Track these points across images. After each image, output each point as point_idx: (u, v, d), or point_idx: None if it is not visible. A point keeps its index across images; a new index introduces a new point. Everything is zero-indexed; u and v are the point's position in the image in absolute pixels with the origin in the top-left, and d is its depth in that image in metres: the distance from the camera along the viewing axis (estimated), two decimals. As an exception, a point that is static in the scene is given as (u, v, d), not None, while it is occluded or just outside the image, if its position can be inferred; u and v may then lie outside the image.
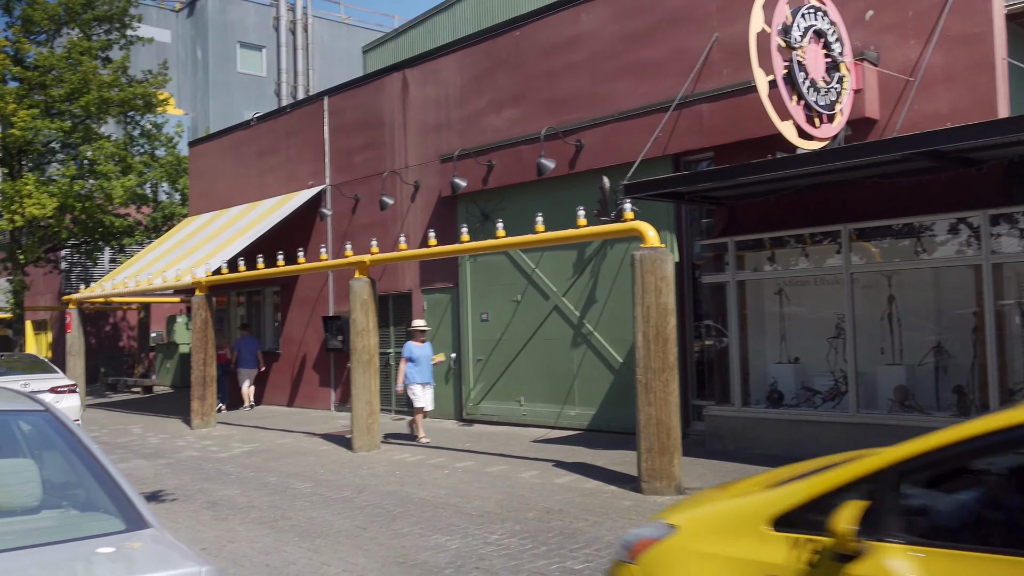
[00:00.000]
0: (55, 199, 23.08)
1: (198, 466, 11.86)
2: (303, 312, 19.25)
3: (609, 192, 12.24)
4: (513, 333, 14.66)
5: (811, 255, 11.14)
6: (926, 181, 9.85)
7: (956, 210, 9.67)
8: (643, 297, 8.99)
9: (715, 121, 11.80)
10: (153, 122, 27.08)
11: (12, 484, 3.32)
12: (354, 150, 18.05)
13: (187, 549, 2.92)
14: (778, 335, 11.66)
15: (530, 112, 14.43)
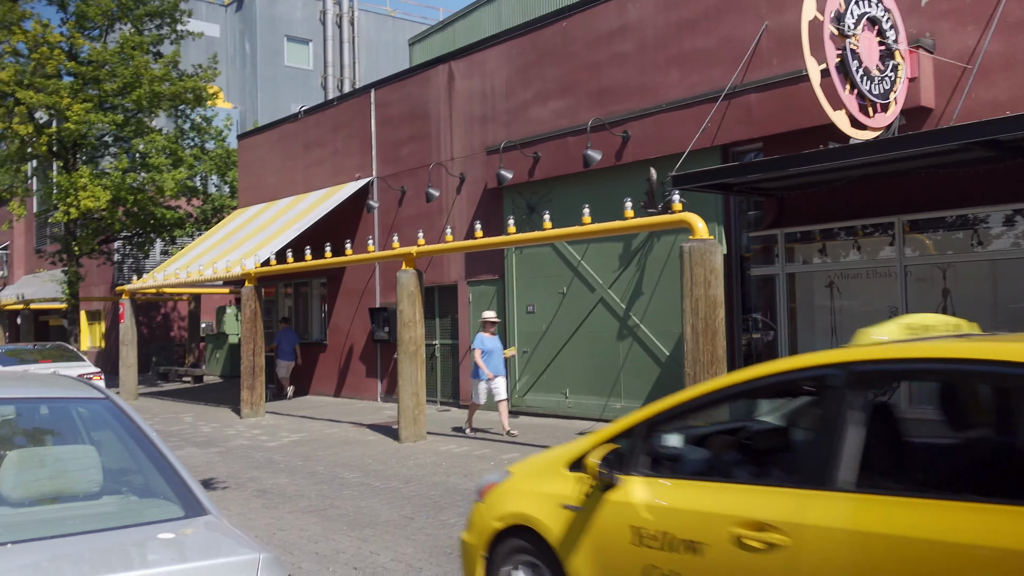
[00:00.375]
0: (108, 192, 23.55)
1: (248, 455, 12.04)
2: (350, 303, 19.42)
3: (656, 184, 12.15)
4: (558, 325, 14.64)
5: (863, 247, 10.95)
6: (983, 171, 9.61)
7: (1013, 201, 9.44)
8: (692, 289, 8.91)
9: (765, 111, 11.63)
10: (203, 115, 27.47)
11: (73, 470, 3.40)
12: (400, 142, 18.14)
13: (244, 536, 2.96)
14: (828, 328, 11.48)
15: (577, 103, 14.36)
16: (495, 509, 4.77)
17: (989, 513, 3.01)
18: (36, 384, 4.08)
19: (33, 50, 23.46)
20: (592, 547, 4.22)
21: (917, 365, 3.72)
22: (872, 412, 3.66)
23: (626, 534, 4.06)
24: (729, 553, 3.63)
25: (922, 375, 4.18)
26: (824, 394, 3.86)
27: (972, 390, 4.06)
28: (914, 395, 8.98)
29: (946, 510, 3.11)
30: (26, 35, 23.31)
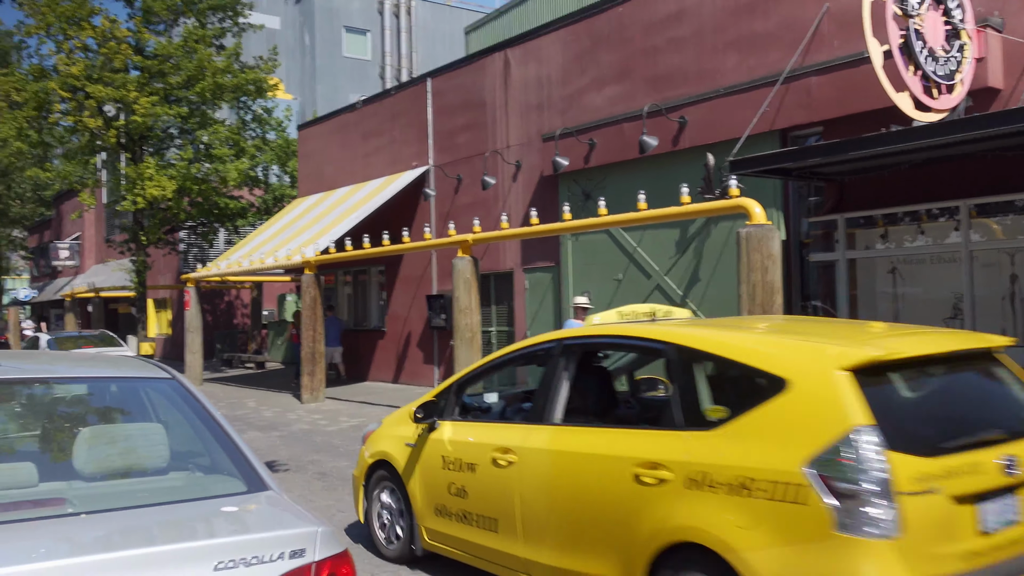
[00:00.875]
0: (174, 182, 24.16)
1: (309, 438, 12.28)
2: (407, 291, 19.63)
3: (713, 169, 12.04)
4: (614, 312, 14.59)
5: (927, 232, 10.71)
6: (1054, 153, 9.32)
7: (1087, 184, 9.14)
8: (748, 275, 8.83)
9: (825, 94, 11.43)
10: (264, 107, 27.97)
11: (142, 447, 3.53)
12: (456, 131, 18.24)
13: (303, 511, 3.05)
14: (890, 315, 11.26)
15: (633, 89, 14.28)
16: (369, 449, 6.59)
17: (626, 435, 4.77)
18: (107, 364, 4.23)
19: (102, 45, 24.13)
20: (420, 472, 5.96)
21: (596, 340, 5.49)
22: (574, 371, 5.25)
23: (438, 461, 5.79)
24: (489, 469, 5.33)
25: (599, 347, 5.81)
26: (547, 361, 5.42)
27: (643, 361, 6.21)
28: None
29: (604, 434, 4.87)
30: (95, 30, 23.98)
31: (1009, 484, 3.93)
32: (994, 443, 4.01)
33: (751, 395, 4.17)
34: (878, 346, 4.12)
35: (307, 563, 2.74)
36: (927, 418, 4.21)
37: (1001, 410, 4.46)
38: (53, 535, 2.73)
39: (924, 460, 3.72)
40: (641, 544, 4.26)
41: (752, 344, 4.43)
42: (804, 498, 3.68)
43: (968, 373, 4.58)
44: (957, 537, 3.73)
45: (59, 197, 44.10)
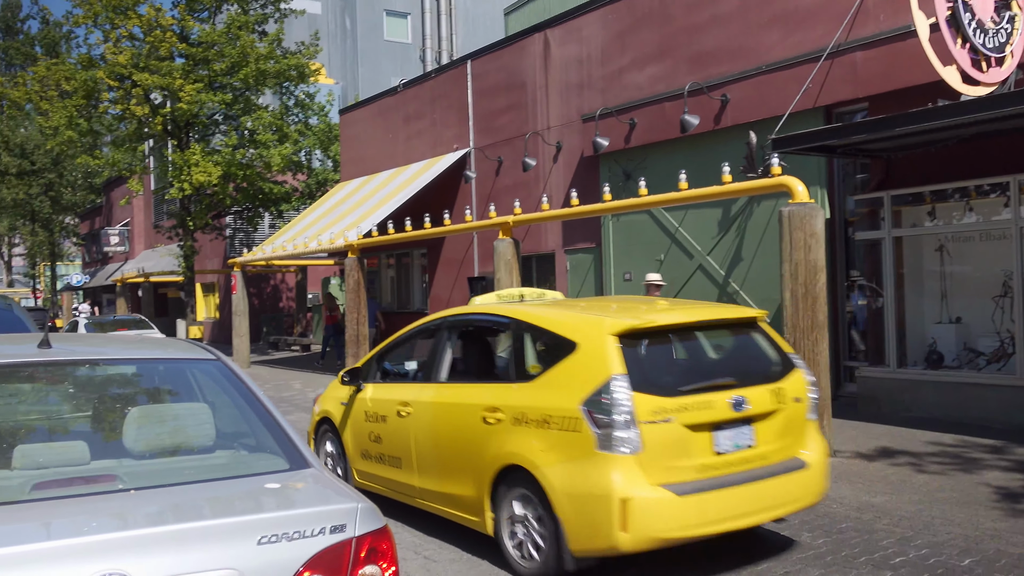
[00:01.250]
0: (219, 168, 24.49)
1: (353, 419, 12.42)
2: (449, 273, 19.74)
3: (756, 147, 11.89)
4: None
5: (976, 209, 10.49)
6: (1109, 126, 9.06)
7: None
8: (791, 254, 8.73)
9: (870, 69, 11.22)
10: (306, 92, 28.18)
11: (190, 426, 3.63)
12: (497, 112, 18.23)
13: (344, 487, 3.12)
14: (938, 294, 11.08)
15: (674, 68, 14.15)
16: (316, 408, 7.99)
17: (480, 388, 6.07)
18: (154, 347, 4.35)
19: (147, 33, 24.49)
20: (350, 425, 7.33)
21: (468, 317, 6.93)
22: (453, 341, 6.69)
23: (363, 415, 7.12)
24: (395, 419, 6.69)
25: (469, 323, 6.90)
26: (435, 334, 6.82)
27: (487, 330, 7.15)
28: None
29: (466, 388, 6.21)
30: (141, 19, 24.34)
31: (742, 417, 5.25)
32: (728, 387, 5.28)
33: (556, 355, 5.54)
34: (639, 318, 5.45)
35: (347, 538, 2.80)
36: (672, 368, 5.60)
37: (744, 363, 5.88)
38: (104, 510, 2.83)
39: (663, 399, 5.03)
40: (487, 468, 5.63)
41: (560, 318, 5.79)
42: (579, 428, 5.05)
43: (727, 335, 6.13)
44: (693, 454, 5.08)
45: (108, 184, 44.97)
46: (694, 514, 4.98)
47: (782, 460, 5.46)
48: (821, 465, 5.64)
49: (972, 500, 6.80)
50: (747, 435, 5.29)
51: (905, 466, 8.07)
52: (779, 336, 6.02)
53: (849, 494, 7.14)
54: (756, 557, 5.65)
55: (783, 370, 5.70)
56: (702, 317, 5.90)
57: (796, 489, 5.46)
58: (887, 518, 6.41)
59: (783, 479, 5.39)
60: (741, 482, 5.16)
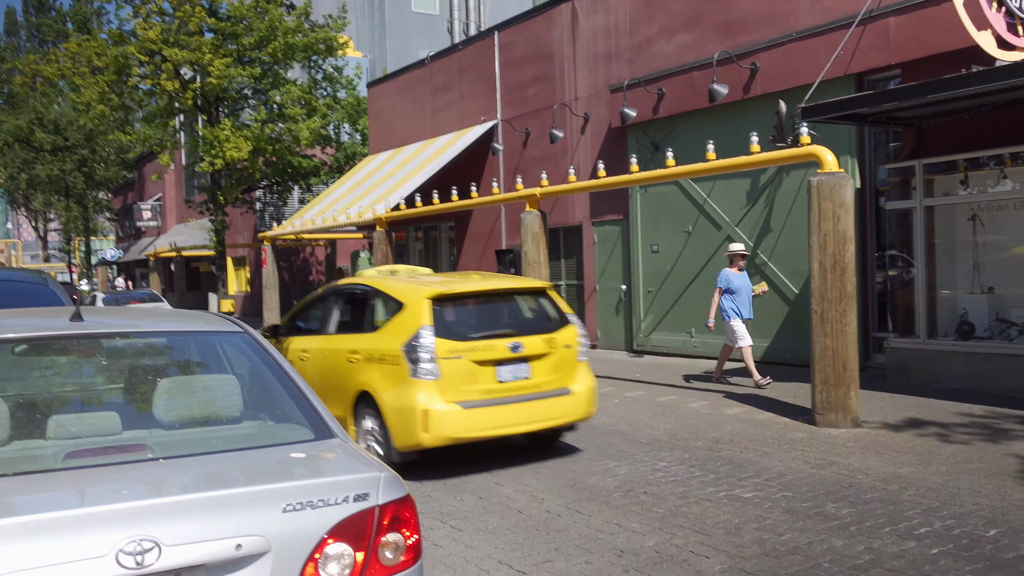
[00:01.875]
0: (249, 142, 24.64)
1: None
2: (477, 246, 19.77)
3: (785, 116, 11.76)
4: (684, 264, 14.49)
5: (1011, 177, 10.30)
6: None
7: None
8: (820, 224, 8.65)
9: (903, 35, 11.02)
10: (334, 65, 28.19)
11: (218, 397, 3.71)
12: (524, 84, 18.15)
13: (368, 457, 3.18)
14: (970, 264, 10.93)
15: (702, 36, 13.98)
16: None
17: (348, 337, 8.10)
18: (183, 319, 4.43)
19: (177, 8, 24.59)
20: None
21: (346, 286, 8.88)
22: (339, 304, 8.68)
23: (292, 357, 8.64)
24: (299, 364, 8.38)
25: (347, 290, 8.81)
26: (327, 299, 8.94)
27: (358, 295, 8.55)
28: None
29: (341, 338, 8.24)
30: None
31: (520, 357, 7.48)
32: (509, 336, 7.54)
33: (392, 312, 7.80)
34: (447, 287, 7.76)
35: (370, 506, 2.86)
36: (467, 322, 7.78)
37: (527, 320, 8.16)
38: (134, 478, 2.91)
39: (456, 343, 7.32)
40: (349, 394, 7.75)
41: (397, 287, 8.00)
42: (400, 363, 7.29)
43: (519, 300, 8.30)
44: (479, 382, 7.34)
45: (140, 160, 45.42)
46: (477, 422, 7.29)
47: (553, 388, 7.68)
48: (585, 394, 7.87)
49: (1000, 471, 6.76)
50: (524, 370, 7.54)
51: (933, 437, 8.03)
52: (563, 301, 8.35)
53: (876, 465, 7.13)
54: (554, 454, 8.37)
55: (559, 325, 7.93)
56: (496, 287, 8.21)
57: (562, 409, 7.75)
58: (913, 489, 6.39)
59: (552, 401, 7.66)
60: (517, 401, 7.47)
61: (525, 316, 8.21)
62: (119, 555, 2.49)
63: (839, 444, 7.94)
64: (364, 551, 2.82)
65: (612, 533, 5.69)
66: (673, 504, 6.28)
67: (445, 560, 5.32)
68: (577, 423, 8.13)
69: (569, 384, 7.77)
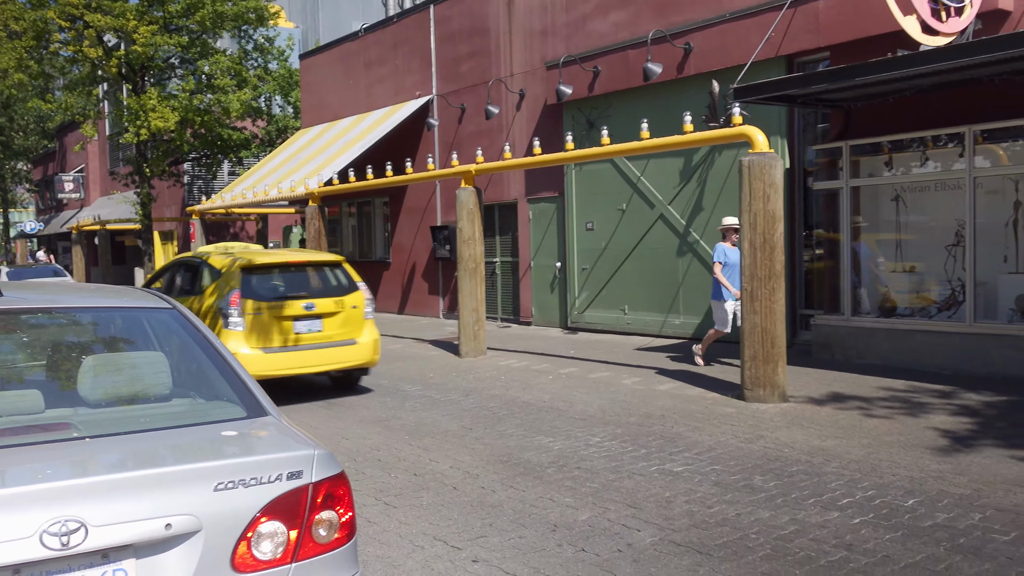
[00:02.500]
0: (176, 113, 23.98)
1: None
2: (412, 222, 19.64)
3: (718, 97, 11.91)
4: (618, 242, 14.63)
5: (932, 159, 10.64)
6: (1063, 78, 9.20)
7: (1095, 109, 9.03)
8: (750, 204, 8.81)
9: (832, 18, 11.24)
10: (265, 36, 27.57)
11: (146, 375, 3.61)
12: (460, 59, 18.01)
13: (300, 434, 3.13)
14: (893, 243, 11.27)
15: (637, 15, 14.04)
16: None
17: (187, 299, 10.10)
18: (109, 295, 4.30)
19: (98, -28, 23.69)
20: None
21: (185, 259, 11.12)
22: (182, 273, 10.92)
23: None
24: None
25: (187, 262, 10.90)
26: (172, 268, 11.27)
27: (196, 269, 10.61)
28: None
29: (182, 300, 9.98)
30: (91, -43, 23.52)
31: (313, 314, 9.70)
32: (304, 297, 9.77)
33: (214, 278, 9.89)
34: (255, 259, 9.87)
35: (304, 484, 2.83)
36: (269, 286, 9.82)
37: (321, 285, 10.20)
38: (58, 457, 2.82)
39: (259, 302, 9.48)
40: None
41: (219, 259, 10.17)
42: (218, 317, 9.33)
43: (317, 270, 10.40)
44: (280, 333, 9.52)
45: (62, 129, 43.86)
46: (277, 364, 9.45)
47: (341, 339, 9.91)
48: (369, 344, 10.12)
49: (918, 443, 7.02)
50: (317, 324, 9.76)
51: (855, 411, 8.29)
52: (354, 271, 10.48)
53: (801, 438, 7.33)
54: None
55: (349, 290, 10.16)
56: (297, 259, 10.49)
57: (349, 355, 9.97)
58: (836, 461, 6.60)
59: (341, 349, 9.90)
60: (311, 348, 9.69)
61: (320, 283, 10.24)
62: (43, 536, 2.43)
63: (767, 418, 8.14)
64: (298, 529, 2.80)
65: (546, 508, 5.75)
66: (606, 479, 6.37)
67: (379, 537, 5.32)
68: (367, 367, 10.39)
69: (356, 336, 10.04)
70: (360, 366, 10.21)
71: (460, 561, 4.89)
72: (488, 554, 4.97)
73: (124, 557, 2.57)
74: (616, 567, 4.71)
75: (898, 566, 4.59)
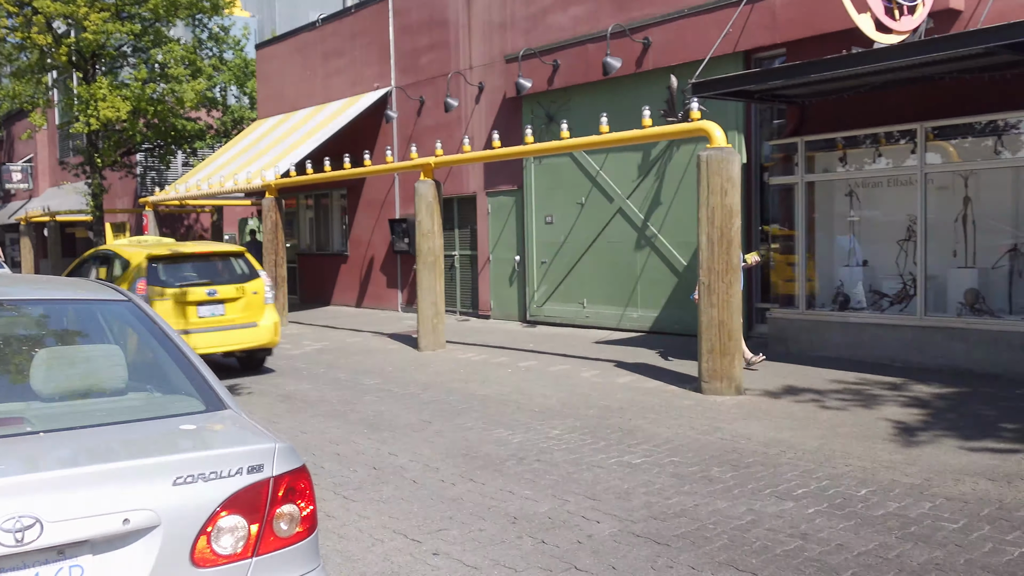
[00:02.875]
0: (128, 102, 23.50)
1: (271, 362, 12.32)
2: (370, 215, 19.51)
3: (677, 91, 11.99)
4: (577, 236, 14.68)
5: (885, 155, 10.83)
6: (1010, 76, 9.41)
7: (1041, 108, 9.26)
8: (708, 198, 8.90)
9: (788, 15, 11.38)
10: (220, 25, 27.12)
11: (100, 368, 3.54)
12: (419, 51, 17.91)
13: (262, 428, 3.10)
14: (847, 238, 11.46)
15: (597, 9, 14.08)
16: None
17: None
18: (63, 287, 4.21)
19: (47, -43, 23.10)
20: None
21: (102, 251, 12.00)
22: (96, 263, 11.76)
23: None
24: None
25: (102, 254, 11.69)
26: (89, 260, 11.98)
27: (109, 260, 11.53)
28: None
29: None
30: (40, -58, 22.93)
31: (216, 299, 10.67)
32: (206, 284, 10.69)
33: (125, 268, 10.85)
34: (160, 251, 10.99)
35: (265, 478, 2.80)
36: (176, 274, 10.75)
37: (224, 274, 11.07)
38: (11, 452, 2.76)
39: (165, 288, 10.46)
40: None
41: (129, 250, 11.21)
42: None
43: (221, 260, 11.29)
44: (185, 316, 10.43)
45: (9, 118, 42.74)
46: None
47: (242, 322, 10.83)
48: (269, 327, 11.07)
49: (871, 434, 7.16)
50: (220, 309, 10.72)
51: (810, 403, 8.43)
52: (255, 261, 11.57)
53: (757, 430, 7.44)
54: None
55: (249, 278, 11.16)
56: (201, 250, 11.47)
57: (250, 337, 10.89)
58: (792, 452, 6.71)
59: (242, 331, 10.80)
60: (214, 331, 10.56)
61: (223, 271, 11.14)
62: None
63: (723, 411, 8.24)
64: (259, 523, 2.77)
65: (505, 500, 5.77)
66: (565, 471, 6.40)
67: (338, 531, 5.29)
68: (269, 347, 11.32)
69: (256, 320, 11.03)
70: (262, 347, 11.17)
71: (420, 554, 4.88)
72: (448, 547, 4.97)
73: (81, 553, 2.52)
74: (576, 559, 4.74)
75: (851, 554, 4.68)
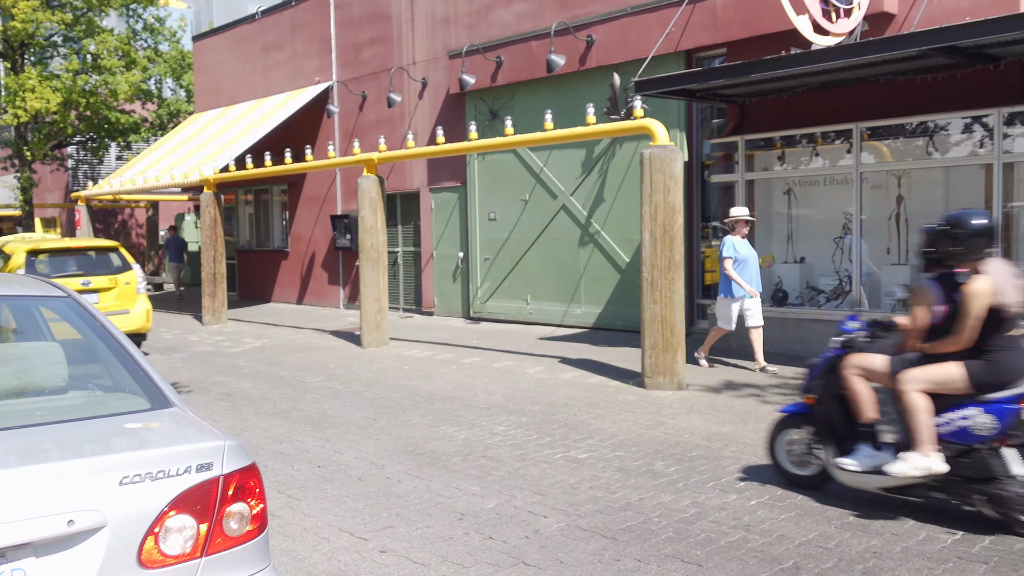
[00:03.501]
0: (59, 94, 22.87)
1: (211, 360, 12.12)
2: (311, 210, 19.29)
3: (619, 89, 12.10)
4: (521, 232, 14.71)
5: (822, 154, 11.07)
6: (941, 79, 9.71)
7: (971, 108, 9.56)
8: (651, 196, 9.00)
9: (729, 16, 11.55)
10: (155, 15, 26.56)
11: (39, 366, 3.44)
12: (361, 45, 17.75)
13: (209, 426, 3.04)
14: (785, 235, 11.69)
15: (541, 6, 14.12)
16: None
17: None
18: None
19: (-27, -57, 22.36)
20: None
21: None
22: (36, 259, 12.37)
23: None
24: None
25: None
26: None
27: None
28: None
29: None
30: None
31: (90, 289, 11.60)
32: (81, 275, 11.72)
33: (6, 261, 11.77)
34: (39, 245, 12.22)
35: (214, 476, 2.75)
36: (54, 266, 11.70)
37: (99, 266, 12.08)
38: (-53, 454, 2.67)
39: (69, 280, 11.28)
40: None
41: (10, 244, 12.14)
42: None
43: (97, 254, 12.36)
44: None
45: (-68, 109, 41.24)
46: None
47: (116, 310, 11.61)
48: (141, 314, 12.12)
49: (810, 427, 7.32)
50: (94, 298, 11.42)
51: (750, 398, 8.58)
52: (128, 254, 12.60)
53: (700, 424, 7.55)
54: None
55: (123, 269, 12.20)
56: (77, 245, 12.67)
57: (123, 323, 11.28)
58: (734, 446, 6.82)
59: (115, 318, 10.59)
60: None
61: (98, 264, 12.21)
62: (-68, 537, 2.29)
63: (666, 405, 8.35)
64: (208, 522, 2.72)
65: (452, 497, 5.76)
66: (511, 467, 6.42)
67: (283, 530, 5.22)
68: (142, 332, 12.25)
69: (129, 307, 12.04)
70: (135, 332, 11.98)
71: (367, 552, 4.85)
72: (395, 544, 4.95)
73: (23, 556, 2.45)
74: (524, 554, 4.76)
75: (793, 544, 4.78)
